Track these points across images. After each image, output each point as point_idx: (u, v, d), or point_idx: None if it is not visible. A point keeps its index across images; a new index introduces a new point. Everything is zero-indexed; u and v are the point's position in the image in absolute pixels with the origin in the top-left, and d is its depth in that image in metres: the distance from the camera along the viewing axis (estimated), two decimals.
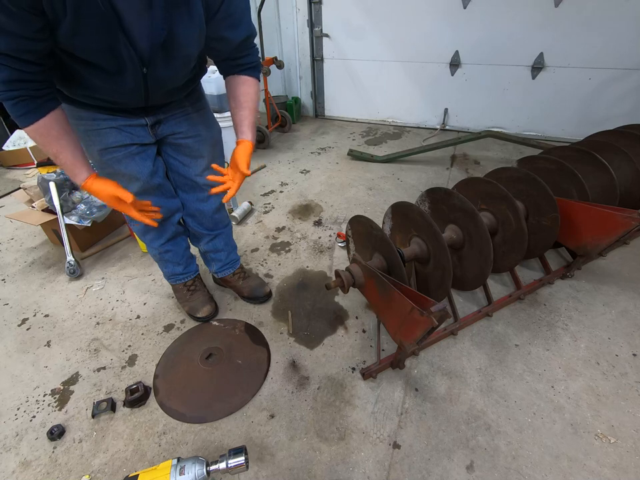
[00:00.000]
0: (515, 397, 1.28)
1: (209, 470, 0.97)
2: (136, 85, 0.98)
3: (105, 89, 0.97)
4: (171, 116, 1.19)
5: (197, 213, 1.44)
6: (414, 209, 1.38)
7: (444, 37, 3.13)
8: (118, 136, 1.12)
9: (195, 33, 0.93)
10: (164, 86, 1.05)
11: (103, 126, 1.09)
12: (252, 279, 1.73)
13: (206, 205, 1.42)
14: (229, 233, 1.60)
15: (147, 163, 1.21)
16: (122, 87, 0.96)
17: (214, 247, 1.57)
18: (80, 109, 1.06)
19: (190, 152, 1.28)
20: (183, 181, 1.36)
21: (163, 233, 1.41)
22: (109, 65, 0.89)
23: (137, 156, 1.18)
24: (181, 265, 1.57)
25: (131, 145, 1.15)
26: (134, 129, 1.14)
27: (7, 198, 2.74)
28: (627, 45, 2.67)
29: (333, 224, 2.25)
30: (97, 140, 1.11)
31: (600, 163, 1.64)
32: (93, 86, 0.95)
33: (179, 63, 1.00)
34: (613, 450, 1.13)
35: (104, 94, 1.00)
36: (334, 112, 4.01)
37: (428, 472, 1.10)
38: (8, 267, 2.01)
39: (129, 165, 1.17)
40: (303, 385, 1.35)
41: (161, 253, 1.48)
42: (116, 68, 0.90)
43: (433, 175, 2.78)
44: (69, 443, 1.21)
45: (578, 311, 1.60)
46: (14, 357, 1.51)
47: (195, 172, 1.33)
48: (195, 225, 1.49)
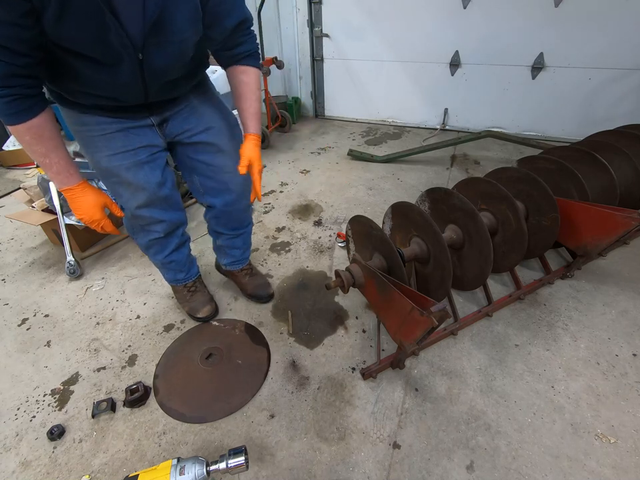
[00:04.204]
0: (515, 396, 1.28)
1: (208, 470, 0.97)
2: (133, 76, 0.93)
3: (101, 83, 0.92)
4: (176, 113, 1.15)
5: (223, 215, 1.42)
6: (414, 209, 1.38)
7: (444, 37, 3.13)
8: (125, 140, 1.08)
9: (189, 13, 0.88)
10: (162, 76, 0.99)
11: (108, 130, 1.05)
12: (258, 277, 1.72)
13: (233, 207, 1.38)
14: (249, 232, 1.59)
15: (156, 172, 1.17)
16: (118, 78, 0.92)
17: (232, 244, 1.56)
18: (82, 114, 1.03)
19: (207, 148, 1.22)
20: (210, 184, 1.31)
21: (166, 246, 1.39)
22: (100, 54, 0.84)
23: (146, 165, 1.14)
24: (183, 271, 1.57)
25: (141, 150, 1.11)
26: (141, 130, 1.10)
27: (7, 198, 2.75)
28: (627, 45, 2.67)
29: (333, 224, 2.25)
30: (104, 145, 1.07)
31: (600, 163, 1.64)
32: (88, 80, 0.91)
33: (175, 48, 0.94)
34: (613, 450, 1.13)
35: (101, 89, 0.95)
36: (334, 112, 4.01)
37: (428, 472, 1.10)
38: (8, 267, 2.01)
39: (137, 174, 1.13)
40: (303, 385, 1.35)
41: (164, 263, 1.47)
42: (109, 57, 0.85)
43: (433, 175, 2.78)
44: (68, 442, 1.21)
45: (578, 310, 1.60)
46: (14, 356, 1.51)
47: (220, 171, 1.27)
48: (218, 226, 1.48)
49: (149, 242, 1.35)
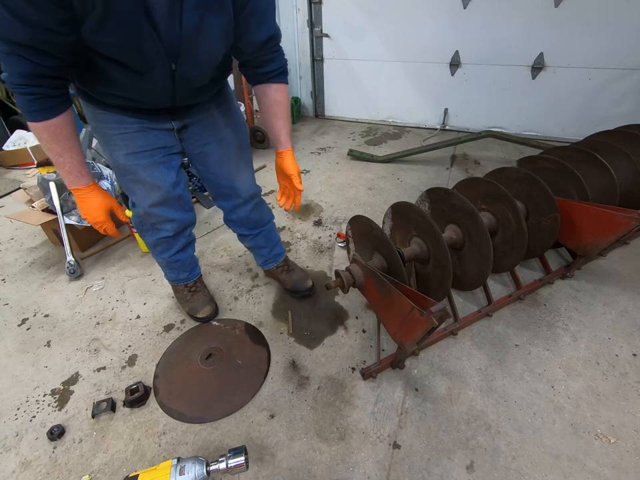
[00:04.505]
0: (515, 397, 1.28)
1: (209, 470, 0.97)
2: (163, 83, 0.95)
3: (132, 87, 0.95)
4: (197, 121, 1.18)
5: (236, 218, 1.49)
6: (414, 208, 1.38)
7: (444, 37, 3.13)
8: (144, 140, 1.11)
9: (223, 26, 0.91)
10: (192, 84, 1.02)
11: (129, 129, 1.08)
12: (295, 272, 1.73)
13: (242, 210, 1.45)
14: (270, 228, 1.62)
15: (171, 173, 1.21)
16: (148, 84, 0.94)
17: (256, 244, 1.62)
18: (105, 112, 1.04)
19: (216, 159, 1.28)
20: (218, 191, 1.40)
21: (173, 245, 1.42)
22: (134, 61, 0.86)
23: (161, 165, 1.17)
24: (186, 271, 1.59)
25: (157, 150, 1.14)
26: (161, 133, 1.13)
27: (7, 198, 2.75)
28: (627, 45, 2.67)
29: (333, 224, 2.25)
30: (124, 144, 1.09)
31: (600, 163, 1.63)
32: (117, 83, 0.93)
33: (206, 59, 0.97)
34: (613, 450, 1.13)
35: (130, 92, 0.97)
36: (334, 112, 4.01)
37: (428, 472, 1.10)
38: (8, 267, 2.01)
39: (153, 173, 1.16)
40: (303, 385, 1.35)
41: (169, 262, 1.49)
42: (143, 65, 0.88)
43: (433, 175, 2.78)
44: (68, 442, 1.21)
45: (578, 311, 1.60)
46: (14, 356, 1.51)
47: (225, 180, 1.34)
48: (236, 228, 1.56)
49: (157, 240, 1.37)
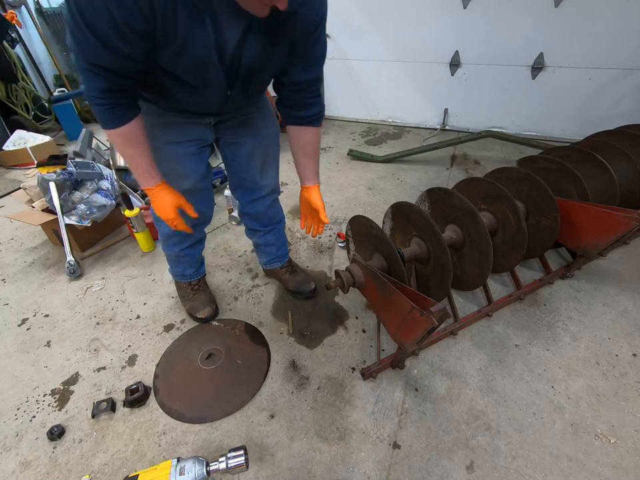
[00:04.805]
0: (515, 397, 1.28)
1: (209, 470, 0.97)
2: (217, 102, 1.05)
3: (189, 103, 1.04)
4: (235, 117, 1.23)
5: (252, 211, 1.52)
6: (414, 208, 1.38)
7: (444, 37, 3.13)
8: (182, 132, 1.16)
9: (279, 62, 1.00)
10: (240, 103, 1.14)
11: (170, 122, 1.13)
12: (299, 273, 1.74)
13: (260, 204, 1.48)
14: (281, 227, 1.65)
15: (201, 165, 1.27)
16: (203, 101, 1.03)
17: (265, 241, 1.63)
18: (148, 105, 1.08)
19: (244, 151, 1.32)
20: (239, 182, 1.43)
21: (187, 238, 1.44)
22: (197, 82, 0.94)
23: (194, 157, 1.23)
24: (193, 267, 1.60)
25: (192, 143, 1.19)
26: (198, 126, 1.18)
27: (7, 198, 2.75)
28: (627, 45, 2.66)
29: (332, 224, 2.25)
30: (161, 133, 1.14)
31: (600, 163, 1.63)
32: (174, 95, 1.00)
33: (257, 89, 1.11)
34: (613, 450, 1.13)
35: (183, 103, 1.05)
36: (334, 112, 4.00)
37: (428, 472, 1.10)
38: (8, 267, 2.01)
39: (186, 164, 1.22)
40: (303, 385, 1.35)
41: (179, 256, 1.51)
42: (202, 84, 0.96)
43: (433, 175, 2.78)
44: (68, 442, 1.21)
45: (578, 311, 1.60)
46: (14, 356, 1.51)
47: (250, 173, 1.38)
48: (250, 222, 1.58)
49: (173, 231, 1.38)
